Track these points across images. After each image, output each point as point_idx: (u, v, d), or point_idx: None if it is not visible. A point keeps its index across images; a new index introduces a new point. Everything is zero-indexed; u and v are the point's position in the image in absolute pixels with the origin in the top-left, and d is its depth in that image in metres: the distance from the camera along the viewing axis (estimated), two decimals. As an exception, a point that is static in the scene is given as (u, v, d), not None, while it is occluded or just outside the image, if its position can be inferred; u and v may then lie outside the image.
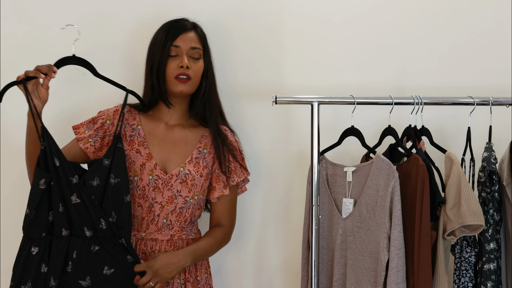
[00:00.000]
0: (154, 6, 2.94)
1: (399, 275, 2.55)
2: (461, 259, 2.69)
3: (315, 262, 2.69)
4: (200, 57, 2.70)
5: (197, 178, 2.69)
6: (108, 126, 2.70)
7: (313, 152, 2.70)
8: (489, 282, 2.64)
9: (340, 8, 2.99)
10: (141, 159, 2.67)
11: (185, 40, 2.67)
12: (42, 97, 2.52)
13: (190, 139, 2.74)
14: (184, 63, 2.65)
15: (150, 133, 2.72)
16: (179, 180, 2.67)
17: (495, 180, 2.64)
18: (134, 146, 2.69)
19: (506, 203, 2.69)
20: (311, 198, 2.68)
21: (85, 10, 2.93)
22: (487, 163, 2.64)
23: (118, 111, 2.71)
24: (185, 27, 2.69)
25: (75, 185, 2.49)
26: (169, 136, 2.73)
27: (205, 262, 2.76)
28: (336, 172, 2.76)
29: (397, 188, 2.57)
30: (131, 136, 2.71)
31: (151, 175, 2.65)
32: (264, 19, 2.98)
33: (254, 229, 3.01)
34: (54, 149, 2.48)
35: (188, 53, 2.68)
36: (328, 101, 2.71)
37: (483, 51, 2.98)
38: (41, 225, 2.49)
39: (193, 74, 2.67)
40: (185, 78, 2.66)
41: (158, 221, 2.67)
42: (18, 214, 2.92)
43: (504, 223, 2.70)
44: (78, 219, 2.49)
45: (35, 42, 2.92)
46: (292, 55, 2.98)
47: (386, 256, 2.57)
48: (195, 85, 2.70)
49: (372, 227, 2.62)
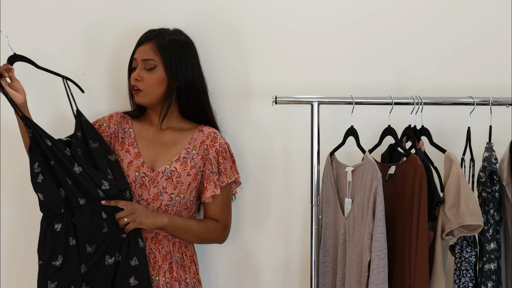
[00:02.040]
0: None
1: (380, 276, 2.55)
2: (461, 259, 2.69)
3: (315, 262, 2.70)
4: (155, 67, 2.74)
5: (183, 175, 2.73)
6: (105, 128, 2.80)
7: (313, 152, 2.70)
8: (490, 282, 2.64)
9: (340, 8, 2.99)
10: (129, 157, 2.75)
11: (139, 52, 2.76)
12: (18, 88, 2.63)
13: (179, 141, 2.79)
14: (133, 75, 2.76)
15: (140, 135, 2.80)
16: (164, 177, 2.72)
17: (496, 180, 2.64)
18: (124, 147, 2.78)
19: (506, 203, 2.69)
20: (316, 198, 2.70)
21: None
22: (488, 163, 2.64)
23: (112, 116, 2.83)
24: (143, 38, 2.77)
25: (71, 156, 2.61)
26: (159, 138, 2.80)
27: (193, 268, 2.78)
28: (340, 172, 2.77)
29: (379, 189, 2.57)
30: (122, 138, 2.79)
31: (138, 172, 2.72)
32: (265, 19, 2.98)
33: (253, 229, 3.01)
34: (42, 132, 2.61)
35: (141, 65, 2.75)
36: (328, 101, 2.71)
37: (483, 52, 2.98)
38: (57, 202, 2.60)
39: (144, 86, 2.74)
40: (135, 89, 2.76)
41: None
42: (18, 214, 2.93)
43: (504, 223, 2.70)
44: (87, 185, 2.60)
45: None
46: (293, 55, 2.98)
47: (368, 256, 2.57)
48: (151, 96, 2.76)
49: (361, 227, 2.63)
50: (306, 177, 2.85)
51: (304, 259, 3.00)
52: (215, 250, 3.00)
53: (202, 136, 2.79)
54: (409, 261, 2.58)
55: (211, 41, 2.95)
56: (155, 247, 2.71)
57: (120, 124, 2.81)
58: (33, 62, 2.70)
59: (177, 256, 2.74)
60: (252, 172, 2.97)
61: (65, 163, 2.59)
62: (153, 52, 2.74)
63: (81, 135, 2.68)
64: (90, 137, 2.68)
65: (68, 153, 2.61)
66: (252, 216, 3.01)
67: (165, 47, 2.74)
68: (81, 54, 2.95)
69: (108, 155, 2.70)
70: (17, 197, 2.93)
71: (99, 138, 2.71)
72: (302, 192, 2.94)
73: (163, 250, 2.71)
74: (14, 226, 2.95)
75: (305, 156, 2.85)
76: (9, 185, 2.95)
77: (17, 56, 2.68)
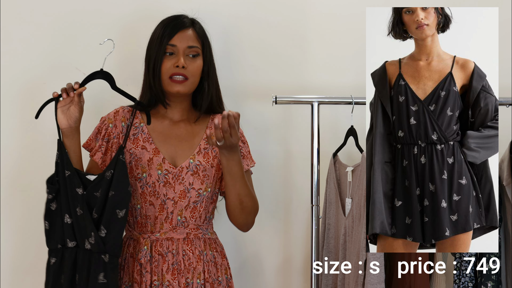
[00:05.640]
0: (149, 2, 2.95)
1: (375, 276, 2.55)
2: (461, 259, 2.69)
3: (315, 263, 2.70)
4: (198, 55, 2.66)
5: (208, 168, 2.64)
6: (111, 129, 2.66)
7: (313, 152, 2.70)
8: (490, 282, 2.64)
9: (341, 8, 2.99)
10: (147, 154, 2.62)
11: (182, 38, 2.64)
12: (70, 115, 2.55)
13: (196, 131, 2.69)
14: (180, 62, 2.61)
15: (154, 130, 2.67)
16: (190, 172, 2.62)
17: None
18: (139, 143, 2.64)
19: (506, 203, 2.69)
20: (316, 198, 2.71)
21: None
22: (488, 163, 2.64)
23: (118, 112, 2.68)
24: (182, 24, 2.65)
25: (81, 196, 2.50)
26: (175, 131, 2.68)
27: (225, 263, 2.69)
28: (342, 172, 2.77)
29: None
30: (134, 134, 2.66)
31: (160, 169, 2.61)
32: (266, 19, 2.98)
33: (253, 229, 3.01)
34: (66, 162, 2.52)
35: (185, 52, 2.64)
36: (328, 101, 2.72)
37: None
38: (56, 236, 2.52)
39: (190, 74, 2.63)
40: (180, 78, 2.62)
41: (172, 219, 2.61)
42: (19, 214, 2.93)
43: (504, 223, 2.70)
44: (81, 230, 2.50)
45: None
46: (293, 55, 2.98)
47: (364, 256, 2.57)
48: (193, 85, 2.65)
49: (359, 227, 2.63)
50: (306, 177, 2.85)
51: (304, 259, 3.00)
52: (215, 250, 3.00)
53: None
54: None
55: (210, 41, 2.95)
56: (189, 248, 2.60)
57: (128, 119, 2.67)
58: (112, 80, 2.60)
59: (210, 254, 2.64)
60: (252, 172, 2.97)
61: (70, 200, 2.49)
62: (196, 39, 2.66)
63: (110, 176, 2.50)
64: (114, 183, 2.50)
65: (81, 191, 2.49)
66: (252, 216, 3.01)
67: (204, 35, 2.68)
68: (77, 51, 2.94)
69: (118, 209, 2.50)
70: (17, 197, 2.92)
71: (122, 186, 2.51)
72: (302, 192, 2.94)
73: (197, 251, 2.61)
74: (14, 226, 2.95)
75: (305, 156, 2.85)
76: (10, 185, 2.95)
77: (99, 72, 2.58)
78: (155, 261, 2.57)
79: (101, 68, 2.57)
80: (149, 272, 2.57)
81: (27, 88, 2.93)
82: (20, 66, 2.94)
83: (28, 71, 2.94)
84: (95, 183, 2.51)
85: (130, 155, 2.62)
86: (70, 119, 2.55)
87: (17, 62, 2.93)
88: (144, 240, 2.59)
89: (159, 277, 2.56)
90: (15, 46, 2.93)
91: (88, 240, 2.48)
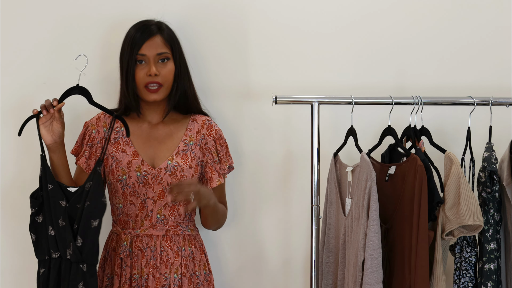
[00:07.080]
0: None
1: (373, 276, 2.55)
2: (461, 259, 2.69)
3: (315, 262, 2.70)
4: (169, 59, 2.70)
5: (186, 169, 2.71)
6: (94, 134, 2.74)
7: (313, 152, 2.71)
8: (490, 282, 2.64)
9: (341, 8, 2.99)
10: (127, 157, 2.70)
11: (151, 47, 2.68)
12: (53, 130, 2.62)
13: (175, 133, 2.76)
14: (152, 71, 2.66)
15: (134, 133, 2.73)
16: (168, 172, 2.69)
17: (496, 180, 2.64)
18: (119, 147, 2.72)
19: (506, 203, 2.69)
20: (316, 198, 2.71)
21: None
22: (488, 163, 2.64)
23: (100, 118, 2.75)
24: (149, 33, 2.69)
25: (64, 208, 2.56)
26: (154, 134, 2.75)
27: (203, 258, 2.76)
28: (343, 172, 2.78)
29: (373, 188, 2.57)
30: (115, 138, 2.73)
31: (139, 171, 2.69)
32: (265, 18, 2.98)
33: (254, 229, 3.01)
34: (49, 175, 2.58)
35: (155, 59, 2.68)
36: (328, 101, 2.72)
37: (483, 52, 2.98)
38: (43, 247, 2.60)
39: (163, 79, 2.69)
40: (155, 87, 2.68)
41: (152, 217, 2.70)
42: (19, 214, 2.93)
43: (504, 223, 2.70)
44: (62, 241, 2.57)
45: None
46: (293, 55, 2.98)
47: (361, 256, 2.57)
48: (168, 90, 2.71)
49: (357, 227, 2.63)
50: (306, 177, 2.85)
51: (304, 259, 3.00)
52: (216, 250, 2.99)
53: (197, 125, 2.76)
54: (409, 261, 2.58)
55: (210, 40, 2.95)
56: (167, 244, 2.69)
57: (109, 124, 2.73)
58: (89, 95, 2.64)
59: (188, 250, 2.72)
60: (252, 172, 2.97)
61: (53, 213, 2.56)
62: (165, 45, 2.69)
63: (88, 187, 2.56)
64: (90, 194, 2.57)
65: (64, 203, 2.56)
66: (251, 215, 3.00)
67: (172, 38, 2.72)
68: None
69: (92, 219, 2.55)
70: (17, 197, 2.92)
71: (96, 196, 2.57)
72: (302, 192, 2.94)
73: (175, 247, 2.70)
74: (14, 226, 2.95)
75: (305, 156, 2.85)
76: (10, 185, 2.95)
77: (75, 88, 2.62)
78: (134, 256, 2.69)
79: (77, 84, 2.62)
80: (129, 266, 2.69)
81: (27, 88, 2.93)
82: (20, 66, 2.94)
83: (28, 71, 2.94)
84: (77, 194, 2.58)
85: (112, 158, 2.70)
86: (54, 135, 2.63)
87: (17, 62, 2.93)
88: (125, 235, 2.70)
89: (138, 271, 2.68)
90: (15, 46, 2.93)
91: (68, 250, 2.56)
